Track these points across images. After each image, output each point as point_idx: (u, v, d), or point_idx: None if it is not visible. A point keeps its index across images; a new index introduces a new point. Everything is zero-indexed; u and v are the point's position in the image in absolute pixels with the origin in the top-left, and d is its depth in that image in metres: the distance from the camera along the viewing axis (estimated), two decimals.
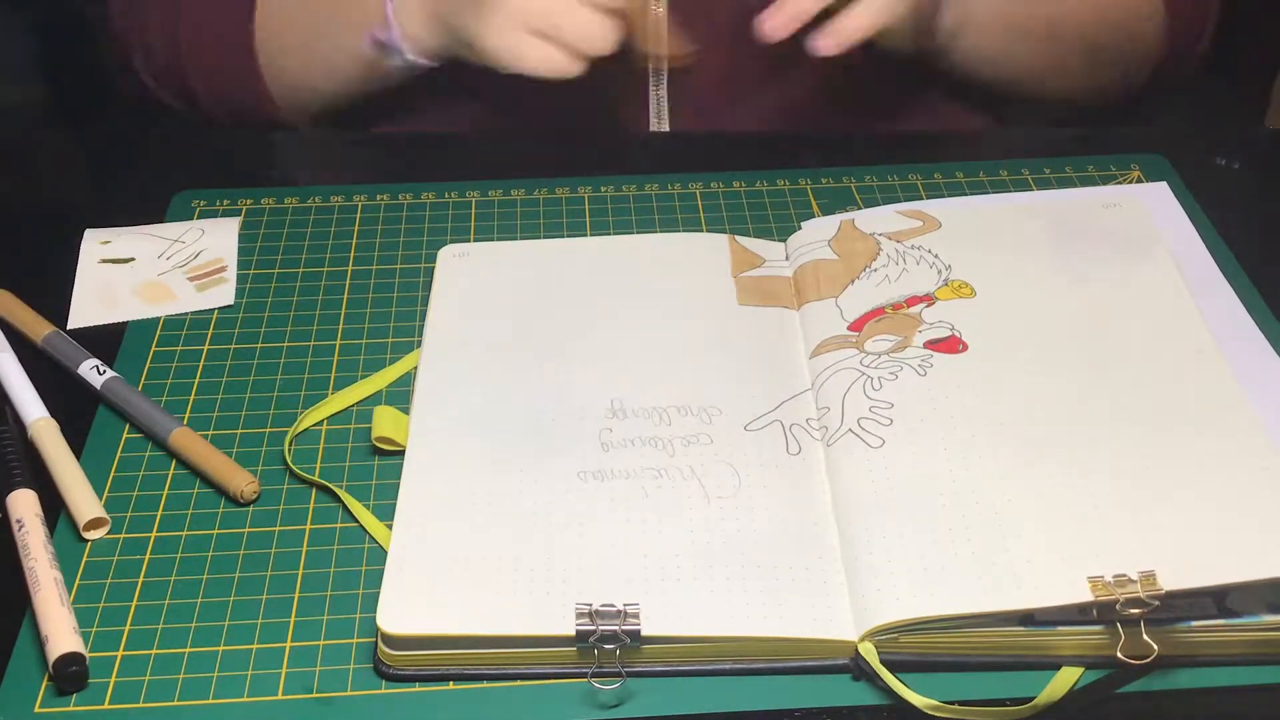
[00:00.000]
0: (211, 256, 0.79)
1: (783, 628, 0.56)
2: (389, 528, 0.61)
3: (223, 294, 0.77)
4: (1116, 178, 0.84)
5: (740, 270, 0.75)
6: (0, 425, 0.67)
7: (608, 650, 0.55)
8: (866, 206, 0.81)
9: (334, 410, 0.69)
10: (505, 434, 0.65)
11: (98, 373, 0.69)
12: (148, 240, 0.81)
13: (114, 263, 0.79)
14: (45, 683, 0.56)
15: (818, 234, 0.77)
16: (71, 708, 0.55)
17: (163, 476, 0.65)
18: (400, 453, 0.65)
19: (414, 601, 0.56)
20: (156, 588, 0.60)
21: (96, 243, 0.81)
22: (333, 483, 0.64)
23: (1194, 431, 0.63)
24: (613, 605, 0.55)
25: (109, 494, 0.64)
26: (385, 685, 0.56)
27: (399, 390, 0.70)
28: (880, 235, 0.76)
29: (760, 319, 0.72)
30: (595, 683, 0.55)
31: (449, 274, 0.75)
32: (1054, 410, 0.64)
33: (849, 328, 0.70)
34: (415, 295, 0.76)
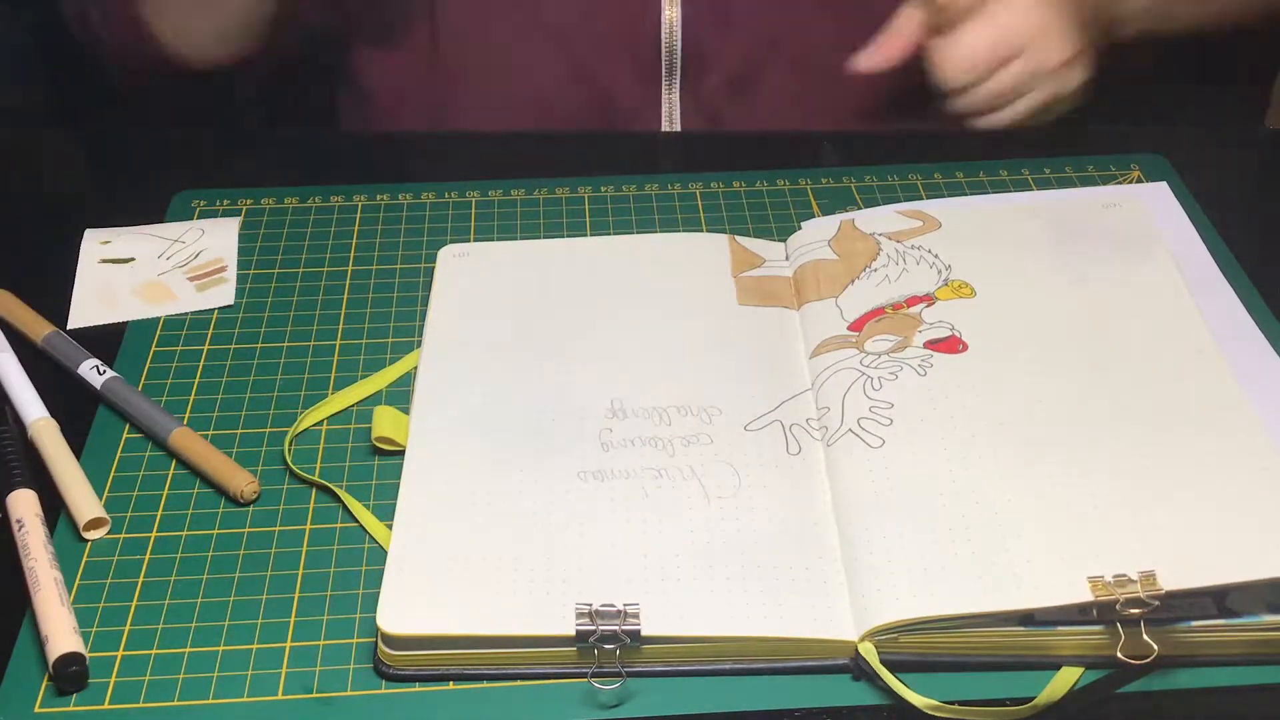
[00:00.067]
0: (211, 256, 0.79)
1: (783, 628, 0.56)
2: (389, 528, 0.61)
3: (223, 294, 0.77)
4: (1116, 178, 0.84)
5: (740, 270, 0.75)
6: (0, 425, 0.67)
7: (608, 650, 0.55)
8: (866, 206, 0.81)
9: (334, 410, 0.69)
10: (505, 434, 0.65)
11: (98, 373, 0.69)
12: (148, 240, 0.81)
13: (114, 263, 0.79)
14: (45, 683, 0.56)
15: (818, 234, 0.77)
16: (71, 708, 0.55)
17: (163, 476, 0.65)
18: (400, 453, 0.65)
19: (414, 601, 0.56)
20: (156, 588, 0.60)
21: (96, 243, 0.81)
22: (333, 483, 0.64)
23: (1194, 431, 0.62)
24: (613, 605, 0.55)
25: (109, 494, 0.64)
26: (385, 685, 0.56)
27: (399, 390, 0.70)
28: (880, 235, 0.76)
29: (760, 319, 0.72)
30: (595, 683, 0.55)
31: (449, 274, 0.75)
32: (1054, 410, 0.64)
33: (849, 328, 0.70)
34: (415, 295, 0.76)
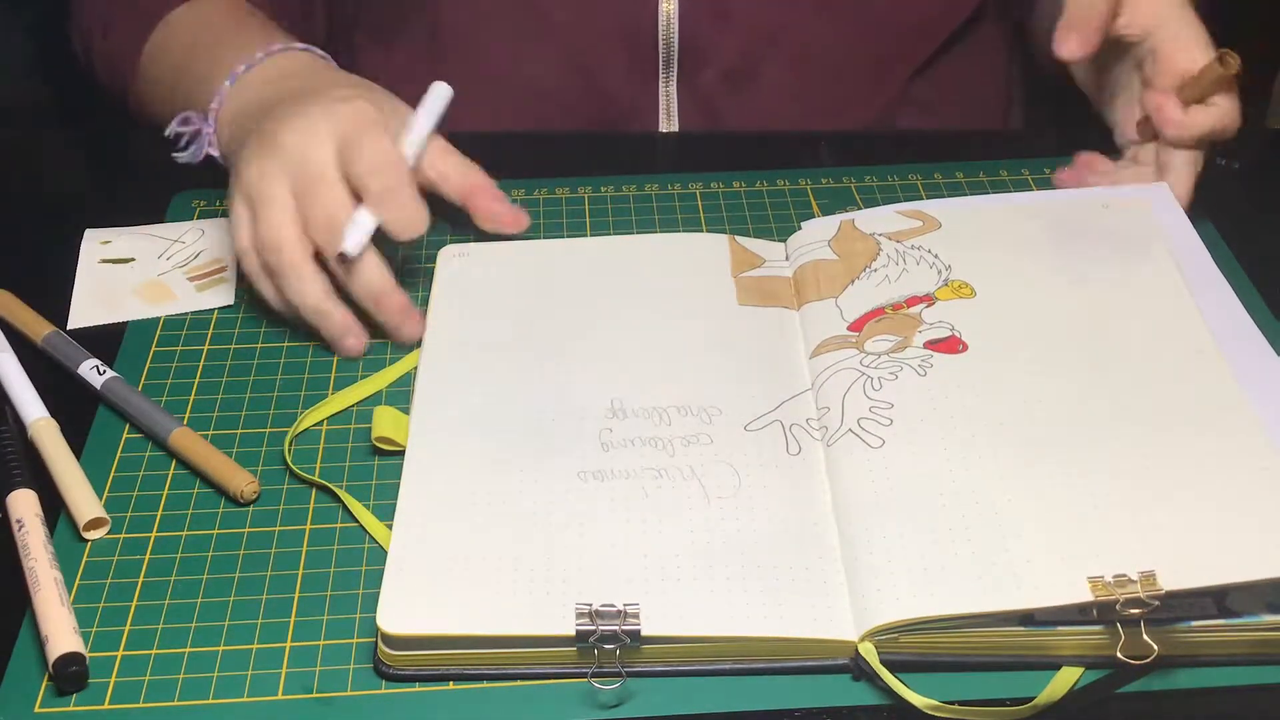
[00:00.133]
0: (211, 256, 0.79)
1: (783, 628, 0.56)
2: (389, 528, 0.61)
3: (223, 294, 0.77)
4: None
5: (740, 270, 0.75)
6: (0, 425, 0.67)
7: (608, 650, 0.55)
8: (866, 206, 0.81)
9: (334, 410, 0.68)
10: (505, 434, 0.65)
11: (98, 373, 0.69)
12: (148, 240, 0.81)
13: (114, 263, 0.79)
14: (45, 683, 0.56)
15: (818, 234, 0.77)
16: (71, 708, 0.55)
17: (163, 476, 0.65)
18: (400, 453, 0.65)
19: (414, 601, 0.56)
20: (156, 588, 0.60)
21: (96, 243, 0.81)
22: (333, 483, 0.64)
23: (1194, 431, 0.62)
24: (613, 605, 0.55)
25: (109, 494, 0.64)
26: (385, 685, 0.56)
27: (399, 390, 0.70)
28: (880, 235, 0.76)
29: (760, 319, 0.72)
30: (595, 683, 0.55)
31: (449, 274, 0.75)
32: (1054, 410, 0.64)
33: (849, 328, 0.70)
34: (415, 295, 0.76)
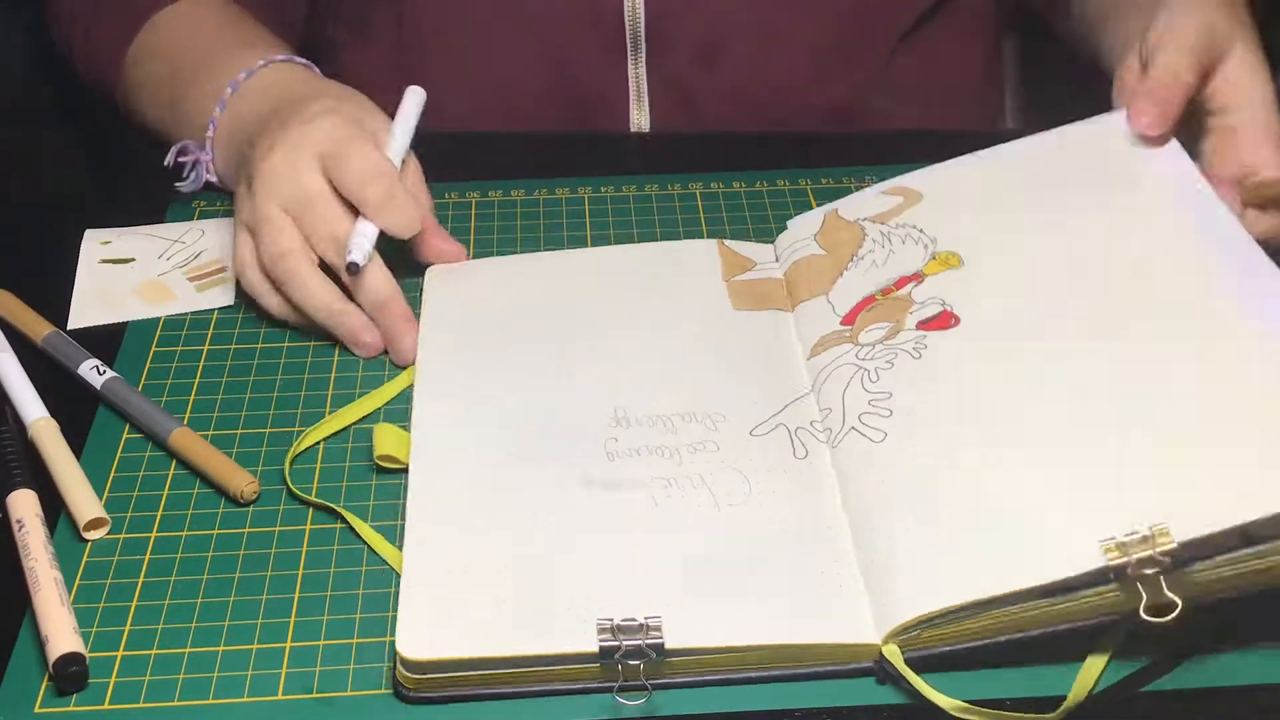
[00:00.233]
0: (211, 257, 0.79)
1: (804, 634, 0.55)
2: (395, 546, 0.61)
3: (223, 294, 0.77)
4: None
5: (732, 274, 0.75)
6: (0, 425, 0.67)
7: (632, 665, 0.54)
8: None
9: (333, 430, 0.68)
10: (510, 449, 0.64)
11: (98, 373, 0.69)
12: (148, 240, 0.81)
13: (114, 263, 0.79)
14: (45, 683, 0.56)
15: (804, 230, 0.77)
16: (71, 708, 0.55)
17: (163, 476, 0.65)
18: (402, 470, 0.64)
19: (433, 625, 0.56)
20: (156, 588, 0.60)
21: (96, 243, 0.81)
22: (334, 501, 0.64)
23: (1198, 372, 0.61)
24: (634, 619, 0.54)
25: (109, 494, 0.64)
26: (385, 685, 0.56)
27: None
28: (864, 220, 0.75)
29: (756, 323, 0.72)
30: (620, 698, 0.54)
31: (437, 292, 0.75)
32: (1049, 372, 0.63)
33: (842, 321, 0.70)
34: (415, 295, 0.76)
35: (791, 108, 0.94)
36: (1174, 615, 0.53)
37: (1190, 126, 0.74)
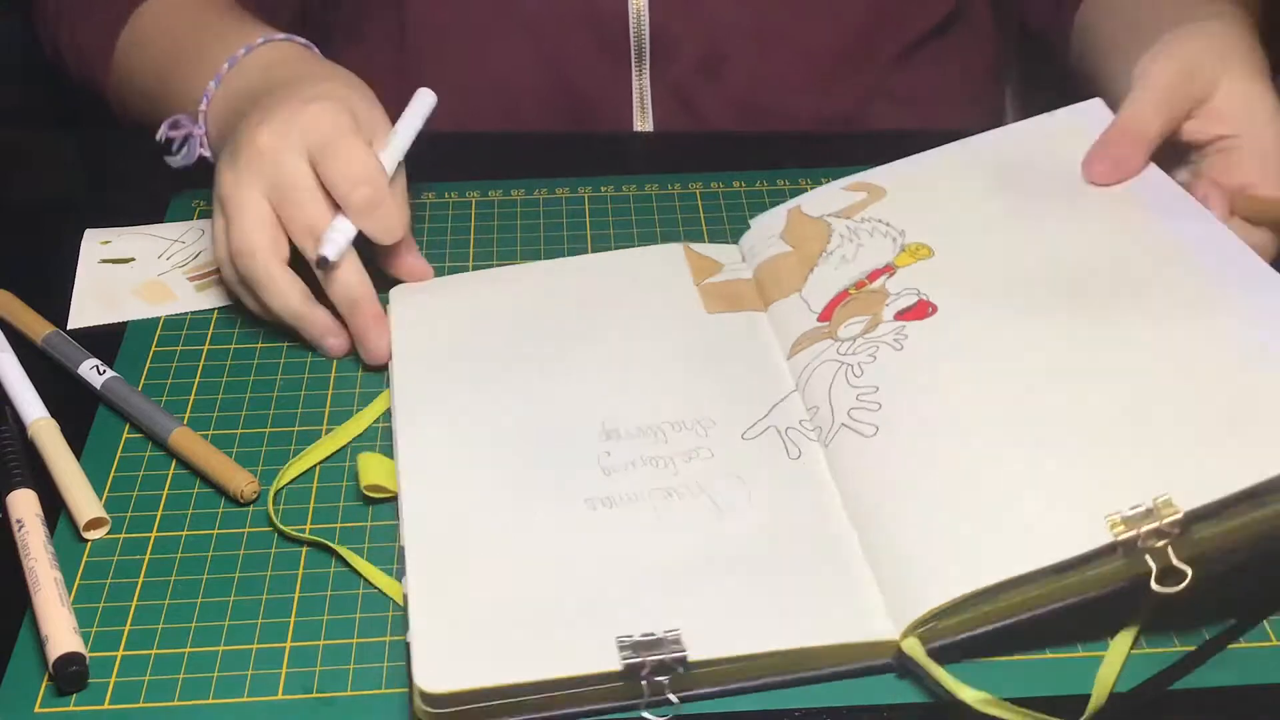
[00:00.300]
0: (211, 256, 0.79)
1: (823, 636, 0.55)
2: (392, 575, 0.60)
3: (223, 294, 0.76)
4: None
5: (701, 278, 0.74)
6: (0, 425, 0.67)
7: (657, 682, 0.53)
8: None
9: (315, 461, 0.66)
10: (504, 471, 0.63)
11: (98, 373, 0.69)
12: (148, 240, 0.81)
13: (114, 263, 0.79)
14: (45, 683, 0.56)
15: (768, 229, 0.76)
16: (71, 708, 0.55)
17: (163, 476, 0.65)
18: (392, 499, 0.63)
19: (449, 656, 0.54)
20: (156, 588, 0.60)
21: (96, 243, 0.81)
22: (329, 527, 0.63)
23: (1183, 338, 0.61)
24: (652, 634, 0.54)
25: (109, 494, 0.64)
26: (385, 684, 0.56)
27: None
28: (829, 216, 0.75)
29: (731, 325, 0.71)
30: (650, 715, 0.53)
31: (405, 313, 0.72)
32: (1033, 352, 0.63)
33: (819, 319, 0.69)
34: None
35: (794, 117, 0.94)
36: (1185, 584, 0.53)
37: (1184, 152, 0.73)
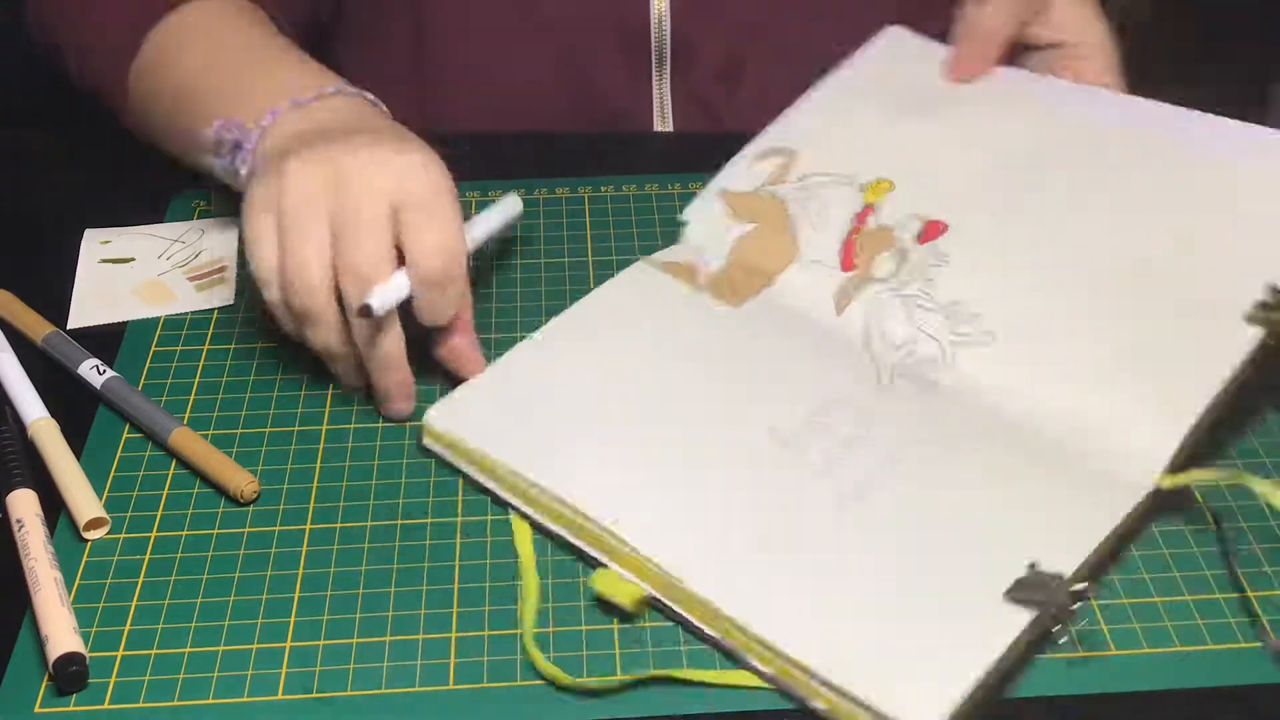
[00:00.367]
0: (212, 256, 0.79)
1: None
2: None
3: (223, 294, 0.77)
4: None
5: (694, 281, 0.72)
6: (0, 425, 0.67)
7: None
8: None
9: (530, 621, 0.59)
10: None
11: (98, 373, 0.69)
12: (148, 240, 0.81)
13: (114, 263, 0.79)
14: (45, 683, 0.56)
15: (711, 218, 0.74)
16: (71, 708, 0.55)
17: (163, 476, 0.65)
18: (642, 611, 0.58)
19: None
20: (156, 588, 0.60)
21: (96, 243, 0.81)
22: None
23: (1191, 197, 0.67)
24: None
25: (109, 494, 0.64)
26: (385, 684, 0.56)
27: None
28: (765, 188, 0.74)
29: (761, 310, 0.70)
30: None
31: (453, 429, 0.64)
32: (1057, 245, 0.66)
33: (843, 269, 0.68)
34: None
35: None
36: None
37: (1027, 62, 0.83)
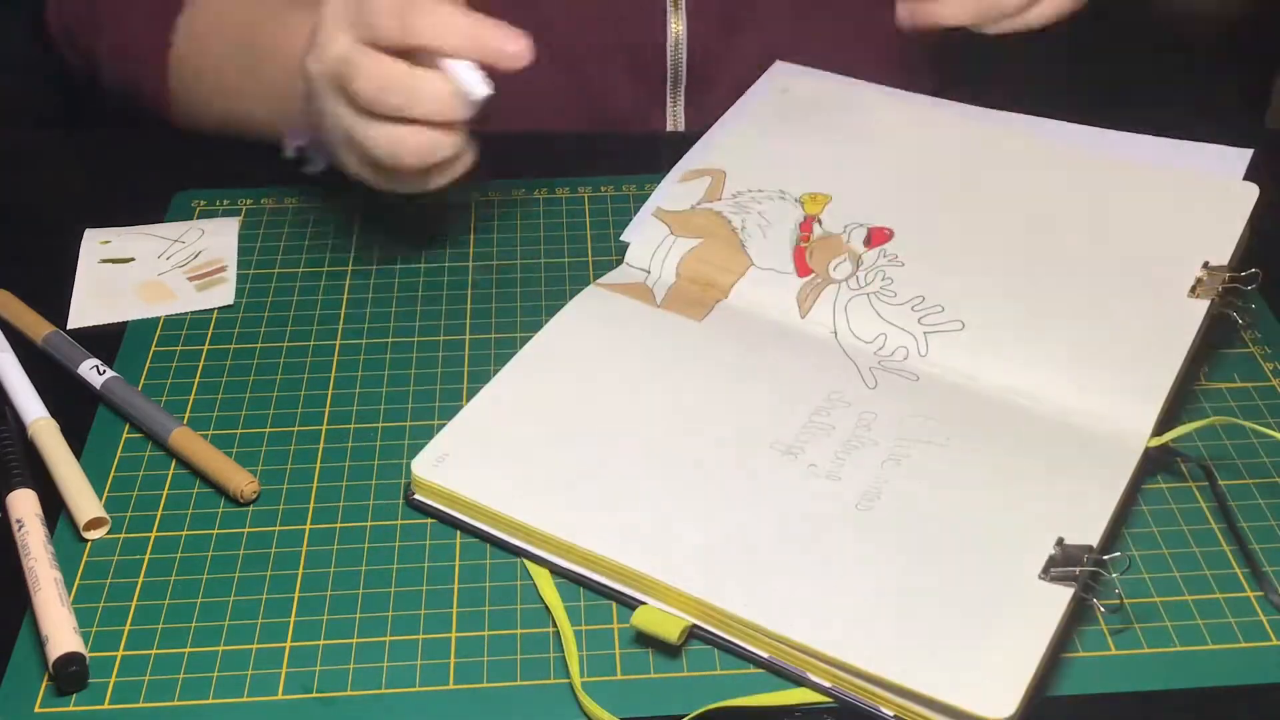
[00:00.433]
0: (211, 256, 0.79)
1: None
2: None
3: (223, 294, 0.77)
4: None
5: (644, 300, 0.71)
6: (0, 425, 0.67)
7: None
8: None
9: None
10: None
11: (98, 373, 0.69)
12: (148, 240, 0.81)
13: (114, 263, 0.79)
14: (45, 683, 0.56)
15: (652, 237, 0.74)
16: (71, 708, 0.55)
17: (163, 476, 0.65)
18: (682, 641, 0.57)
19: None
20: (156, 588, 0.60)
21: (96, 243, 0.81)
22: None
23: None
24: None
25: (109, 494, 0.64)
26: (385, 684, 0.56)
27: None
28: (701, 205, 0.75)
29: (721, 323, 0.69)
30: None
31: (445, 485, 0.62)
32: (995, 240, 0.68)
33: (799, 275, 0.69)
34: (415, 295, 0.76)
35: None
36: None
37: None
